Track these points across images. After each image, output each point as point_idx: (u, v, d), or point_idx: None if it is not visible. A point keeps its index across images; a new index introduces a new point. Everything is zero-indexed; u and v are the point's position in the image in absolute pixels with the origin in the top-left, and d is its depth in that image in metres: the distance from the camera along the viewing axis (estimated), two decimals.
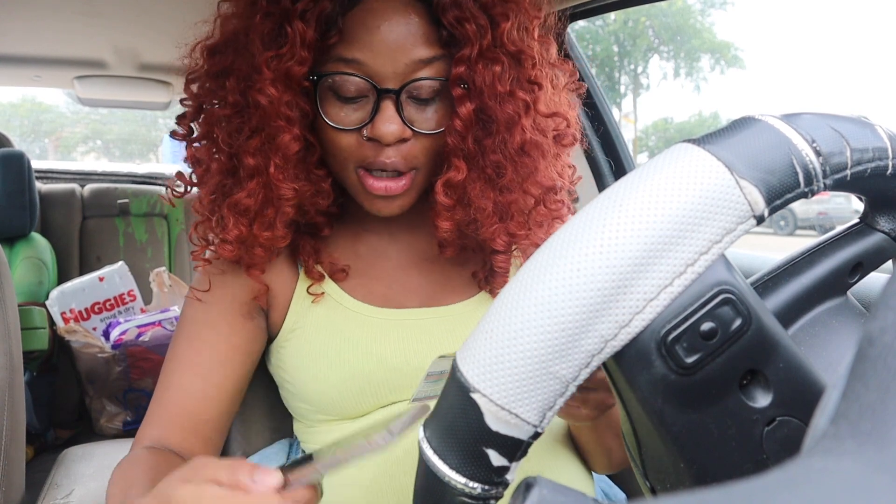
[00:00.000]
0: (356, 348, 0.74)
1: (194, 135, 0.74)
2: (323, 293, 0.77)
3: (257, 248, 0.71)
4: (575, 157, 1.49)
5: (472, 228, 0.72)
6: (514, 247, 0.80)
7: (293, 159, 0.68)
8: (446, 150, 0.69)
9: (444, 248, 0.76)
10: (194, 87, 0.72)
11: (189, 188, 0.76)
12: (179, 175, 0.76)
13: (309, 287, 0.77)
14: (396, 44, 0.65)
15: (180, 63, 0.72)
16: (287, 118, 0.66)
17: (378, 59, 0.65)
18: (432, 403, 0.61)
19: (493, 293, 0.78)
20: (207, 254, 0.76)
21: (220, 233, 0.72)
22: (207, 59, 0.70)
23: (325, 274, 0.78)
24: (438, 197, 0.69)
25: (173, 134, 0.75)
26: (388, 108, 0.66)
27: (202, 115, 0.72)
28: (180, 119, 0.74)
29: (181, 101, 0.76)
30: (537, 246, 0.75)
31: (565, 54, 0.79)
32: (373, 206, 0.72)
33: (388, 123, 0.65)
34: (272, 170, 0.67)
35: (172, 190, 0.76)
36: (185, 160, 0.76)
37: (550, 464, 0.76)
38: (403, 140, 0.67)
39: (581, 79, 1.44)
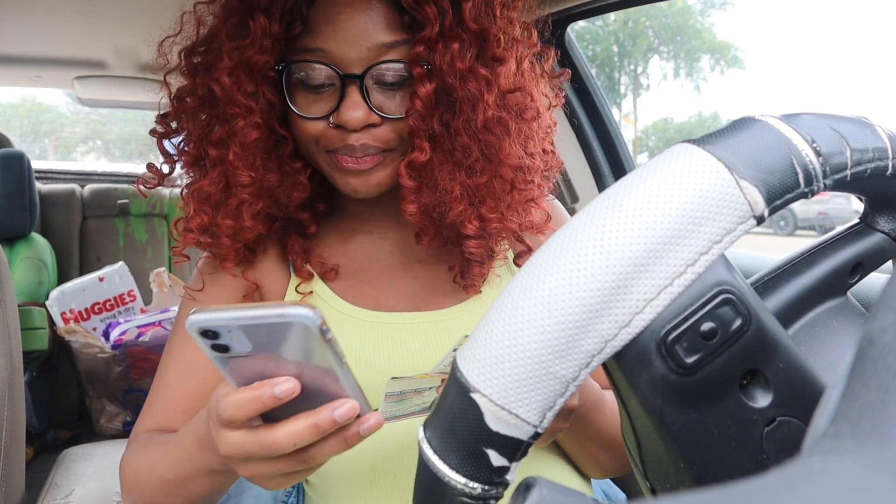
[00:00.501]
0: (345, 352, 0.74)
1: (171, 130, 0.75)
2: (311, 292, 0.77)
3: (223, 237, 0.71)
4: (575, 156, 1.50)
5: (439, 212, 0.71)
6: (502, 240, 0.79)
7: (251, 147, 0.68)
8: (410, 131, 0.69)
9: (421, 238, 0.75)
10: (172, 86, 0.74)
11: (161, 181, 0.77)
12: (150, 167, 0.77)
13: (297, 286, 0.77)
14: (358, 30, 0.66)
15: (156, 62, 0.74)
16: (246, 107, 0.67)
17: (341, 46, 0.66)
18: (399, 422, 0.61)
19: (467, 289, 0.77)
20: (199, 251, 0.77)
21: (184, 222, 0.73)
22: (185, 59, 0.72)
23: (315, 273, 0.78)
24: (402, 179, 0.69)
25: (152, 132, 0.76)
26: (354, 93, 0.66)
27: (176, 109, 0.74)
28: (160, 117, 0.75)
29: (165, 113, 0.77)
30: (513, 232, 0.75)
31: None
32: (348, 185, 0.71)
33: (354, 109, 0.66)
34: (231, 157, 0.68)
35: (144, 182, 0.77)
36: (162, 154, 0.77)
37: (549, 466, 0.76)
38: (372, 125, 0.68)
39: (580, 78, 1.44)
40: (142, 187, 0.77)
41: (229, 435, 0.48)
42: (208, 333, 0.42)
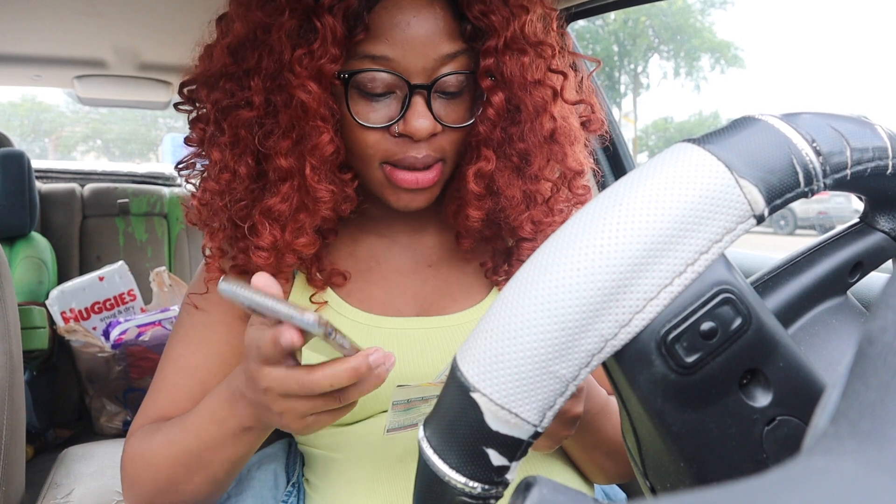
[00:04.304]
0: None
1: (218, 138, 0.69)
2: (325, 302, 0.75)
3: (289, 254, 0.69)
4: None
5: (501, 217, 0.72)
6: None
7: (328, 160, 0.66)
8: (476, 139, 0.70)
9: (463, 240, 0.76)
10: (203, 90, 0.70)
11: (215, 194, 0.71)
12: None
13: (312, 296, 0.75)
14: (425, 38, 0.64)
15: (189, 64, 0.71)
16: (322, 117, 0.65)
17: (408, 54, 0.64)
18: (407, 432, 0.62)
19: (500, 284, 0.78)
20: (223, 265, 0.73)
21: (253, 240, 0.69)
22: (227, 57, 0.67)
23: (324, 281, 0.76)
24: (469, 185, 0.70)
25: (188, 140, 0.72)
26: (419, 103, 0.65)
27: (226, 118, 0.68)
28: (195, 123, 0.71)
29: (176, 105, 0.74)
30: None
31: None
32: (399, 200, 0.71)
33: (421, 119, 0.65)
34: (308, 171, 0.65)
35: (198, 200, 0.72)
36: (181, 164, 0.75)
37: (550, 466, 0.76)
38: (433, 135, 0.67)
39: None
40: (196, 203, 0.72)
41: (270, 372, 0.52)
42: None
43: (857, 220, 0.43)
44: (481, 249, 0.79)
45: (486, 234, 0.76)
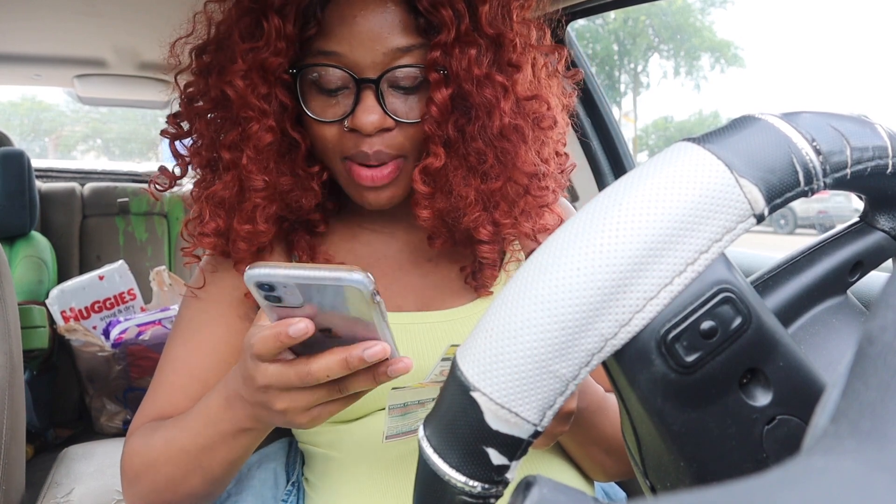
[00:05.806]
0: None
1: (182, 131, 0.75)
2: None
3: (239, 241, 0.71)
4: (575, 155, 1.49)
5: (453, 217, 0.71)
6: (514, 241, 0.80)
7: (266, 150, 0.68)
8: (425, 136, 0.69)
9: (433, 240, 0.75)
10: (182, 85, 0.74)
11: (173, 184, 0.77)
12: (163, 170, 0.77)
13: None
14: (373, 33, 0.65)
15: (167, 62, 0.73)
16: (260, 110, 0.67)
17: (356, 49, 0.65)
18: (404, 439, 0.61)
19: (478, 291, 0.77)
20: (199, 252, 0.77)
21: (199, 226, 0.72)
22: (195, 59, 0.71)
23: None
24: (416, 185, 0.69)
25: (163, 132, 0.76)
26: (369, 97, 0.66)
27: (187, 111, 0.73)
28: (172, 118, 0.75)
29: (176, 113, 0.77)
30: (526, 235, 0.75)
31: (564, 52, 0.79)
32: (363, 197, 0.72)
33: (369, 114, 0.66)
34: (244, 161, 0.68)
35: (156, 184, 0.77)
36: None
37: (551, 465, 0.76)
38: (387, 130, 0.67)
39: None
40: (154, 189, 0.77)
41: (267, 368, 0.51)
42: (264, 286, 0.47)
43: (857, 219, 0.43)
44: (465, 253, 0.78)
45: (457, 237, 0.74)
